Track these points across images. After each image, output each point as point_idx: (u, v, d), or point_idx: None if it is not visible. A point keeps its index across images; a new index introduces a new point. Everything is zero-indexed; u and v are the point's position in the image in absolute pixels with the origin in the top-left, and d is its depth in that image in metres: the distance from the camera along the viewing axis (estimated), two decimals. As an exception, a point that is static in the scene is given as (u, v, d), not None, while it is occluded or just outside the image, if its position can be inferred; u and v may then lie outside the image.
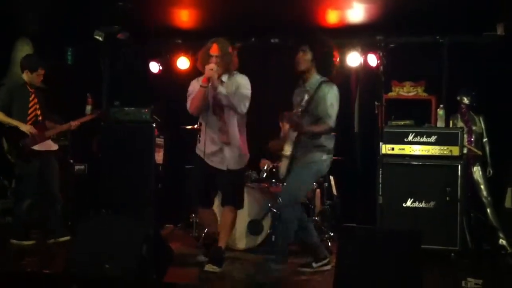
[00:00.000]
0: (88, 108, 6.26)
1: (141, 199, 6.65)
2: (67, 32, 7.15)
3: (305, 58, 4.62)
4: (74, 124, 5.95)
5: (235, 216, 4.89)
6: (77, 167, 7.00)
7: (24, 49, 7.64)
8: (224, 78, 4.73)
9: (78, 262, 3.78)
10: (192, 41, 7.65)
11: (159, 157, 7.14)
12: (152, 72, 7.83)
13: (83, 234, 3.92)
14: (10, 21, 7.00)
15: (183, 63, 7.74)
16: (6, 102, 5.59)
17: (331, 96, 4.53)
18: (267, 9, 6.43)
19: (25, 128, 5.54)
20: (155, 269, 3.88)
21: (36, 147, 5.63)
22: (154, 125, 6.93)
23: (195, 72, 7.63)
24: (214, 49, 4.62)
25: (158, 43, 7.81)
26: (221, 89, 4.58)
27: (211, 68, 4.52)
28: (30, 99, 5.69)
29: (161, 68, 7.81)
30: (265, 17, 6.66)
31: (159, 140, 7.15)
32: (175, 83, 7.75)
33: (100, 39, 7.31)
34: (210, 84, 4.55)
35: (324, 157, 4.59)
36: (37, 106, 5.73)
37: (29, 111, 5.67)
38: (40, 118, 5.74)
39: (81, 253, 3.81)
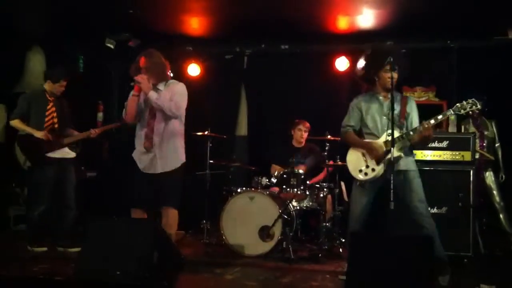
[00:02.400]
0: (100, 115, 6.29)
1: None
2: (78, 40, 7.21)
3: (396, 77, 4.66)
4: (94, 132, 5.91)
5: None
6: (88, 174, 7.04)
7: (36, 58, 7.73)
8: (161, 86, 4.88)
9: (89, 268, 3.79)
10: (203, 48, 7.72)
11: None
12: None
13: (94, 240, 3.93)
14: (22, 30, 7.07)
15: (193, 70, 7.78)
16: (24, 110, 5.66)
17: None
18: (277, 16, 6.45)
19: (39, 134, 5.59)
20: (166, 275, 3.89)
21: (51, 154, 5.67)
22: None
23: (206, 78, 7.75)
24: (142, 62, 4.83)
25: (169, 50, 7.84)
26: (152, 94, 4.71)
27: (139, 79, 4.70)
28: (48, 107, 5.74)
29: (171, 75, 7.82)
30: (275, 24, 6.68)
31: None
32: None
33: (111, 46, 7.38)
34: (141, 93, 4.74)
35: None
36: (54, 115, 5.78)
37: (46, 119, 5.71)
38: (56, 126, 5.77)
39: (91, 259, 3.82)
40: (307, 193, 6.04)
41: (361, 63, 4.84)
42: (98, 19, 6.72)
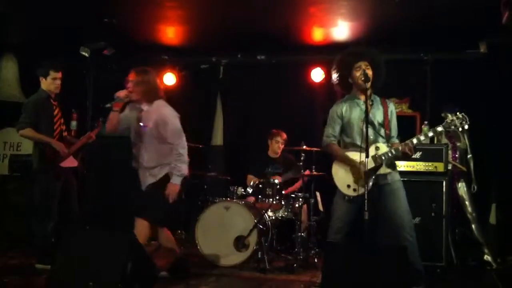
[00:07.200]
0: (73, 123, 6.19)
1: (125, 215, 6.60)
2: (52, 48, 7.13)
3: (370, 72, 4.41)
4: (92, 136, 5.60)
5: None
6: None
7: (8, 66, 7.63)
8: (144, 107, 4.78)
9: (61, 280, 3.73)
10: (179, 57, 7.70)
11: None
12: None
13: (66, 251, 3.87)
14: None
15: (169, 79, 7.76)
16: (33, 118, 5.26)
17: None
18: (253, 26, 6.47)
19: (57, 146, 5.26)
20: (140, 286, 3.85)
21: (62, 164, 5.33)
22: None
23: (181, 88, 7.73)
24: (131, 76, 4.77)
25: (145, 59, 7.80)
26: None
27: (119, 95, 4.70)
28: (55, 113, 5.41)
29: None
30: (251, 34, 6.70)
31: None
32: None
33: (86, 55, 7.29)
34: (119, 109, 4.71)
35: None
36: (62, 121, 5.48)
37: (55, 126, 5.38)
38: (65, 133, 5.50)
39: (64, 270, 3.77)
40: (283, 203, 6.05)
41: (333, 69, 4.64)
42: (73, 27, 6.66)
